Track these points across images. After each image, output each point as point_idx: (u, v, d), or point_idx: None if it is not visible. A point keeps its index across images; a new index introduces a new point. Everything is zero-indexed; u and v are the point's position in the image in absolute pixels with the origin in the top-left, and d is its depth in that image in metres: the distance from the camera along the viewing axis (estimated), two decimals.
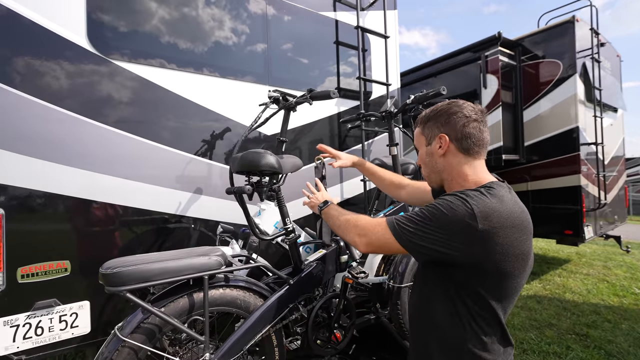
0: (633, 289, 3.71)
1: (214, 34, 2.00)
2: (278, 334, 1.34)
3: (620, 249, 4.64)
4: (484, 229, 0.80)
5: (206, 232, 1.91)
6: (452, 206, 0.82)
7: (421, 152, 1.05)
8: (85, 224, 1.54)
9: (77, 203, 1.52)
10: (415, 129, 1.06)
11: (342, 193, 2.59)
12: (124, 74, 1.69)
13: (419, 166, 1.09)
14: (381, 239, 0.92)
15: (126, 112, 1.70)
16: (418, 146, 1.06)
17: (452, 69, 4.63)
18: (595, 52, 4.12)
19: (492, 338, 0.85)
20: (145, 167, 1.72)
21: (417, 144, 1.06)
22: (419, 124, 1.05)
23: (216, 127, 1.99)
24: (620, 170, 4.94)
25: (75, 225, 1.52)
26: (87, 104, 1.59)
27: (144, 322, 1.07)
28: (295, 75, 2.38)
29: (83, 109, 1.57)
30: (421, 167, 1.07)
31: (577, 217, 3.90)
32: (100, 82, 1.63)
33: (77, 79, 1.58)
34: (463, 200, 0.83)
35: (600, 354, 2.39)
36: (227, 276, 1.27)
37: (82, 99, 1.58)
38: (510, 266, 0.83)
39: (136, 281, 1.02)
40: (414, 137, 1.08)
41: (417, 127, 1.05)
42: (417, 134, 1.06)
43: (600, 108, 4.20)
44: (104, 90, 1.64)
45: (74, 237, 1.52)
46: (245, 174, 1.34)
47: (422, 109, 1.80)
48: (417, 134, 1.06)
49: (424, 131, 1.02)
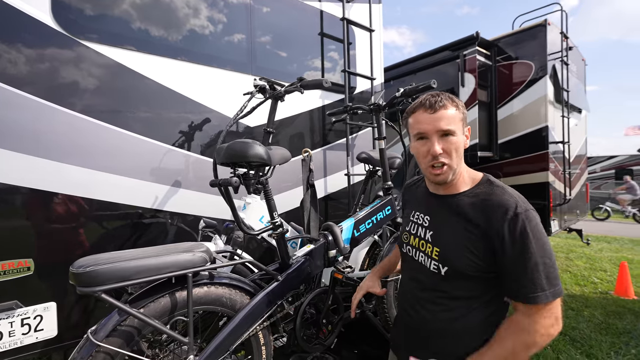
0: (592, 279, 4.00)
1: (194, 18, 1.88)
2: (265, 331, 1.29)
3: (581, 242, 4.99)
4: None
5: (185, 228, 1.82)
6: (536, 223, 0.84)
7: (460, 140, 0.91)
8: (51, 219, 1.41)
9: (42, 196, 1.38)
10: (451, 110, 0.90)
11: (326, 187, 2.56)
12: (94, 57, 1.55)
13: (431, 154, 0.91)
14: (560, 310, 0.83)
15: (97, 98, 1.56)
16: (457, 131, 0.90)
17: (431, 66, 4.71)
18: (565, 55, 4.34)
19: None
20: (117, 157, 1.60)
21: (457, 129, 0.90)
22: (457, 106, 0.92)
23: (195, 116, 1.88)
24: (583, 168, 5.29)
25: (39, 220, 1.38)
26: (52, 89, 1.44)
27: (121, 324, 0.98)
28: (279, 65, 2.31)
29: (47, 93, 1.43)
30: (444, 155, 0.90)
31: (545, 212, 4.12)
32: (67, 65, 1.49)
33: (40, 60, 1.43)
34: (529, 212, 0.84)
35: (566, 340, 2.54)
36: (211, 273, 1.20)
37: (46, 82, 1.43)
38: None
39: (112, 280, 0.93)
40: (448, 119, 0.89)
41: (455, 109, 0.91)
42: (456, 118, 0.90)
43: (568, 109, 4.45)
44: (72, 73, 1.50)
45: (38, 233, 1.39)
46: (231, 166, 1.28)
47: (410, 102, 1.79)
48: (456, 118, 0.90)
49: (463, 119, 0.93)
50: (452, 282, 0.91)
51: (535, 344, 0.80)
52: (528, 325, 0.81)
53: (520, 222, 0.82)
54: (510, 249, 0.82)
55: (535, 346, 0.81)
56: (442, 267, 0.93)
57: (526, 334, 0.80)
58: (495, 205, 0.86)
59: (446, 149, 0.90)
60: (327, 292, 1.48)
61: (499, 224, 0.84)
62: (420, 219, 1.02)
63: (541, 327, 0.80)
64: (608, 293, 3.52)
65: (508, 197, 0.86)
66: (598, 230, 7.63)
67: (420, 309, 0.98)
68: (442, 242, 0.94)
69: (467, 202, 0.91)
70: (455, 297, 0.92)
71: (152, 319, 0.99)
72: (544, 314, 0.80)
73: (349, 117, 2.51)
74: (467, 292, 0.91)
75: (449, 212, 0.94)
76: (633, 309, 3.09)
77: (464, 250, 0.89)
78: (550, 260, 0.81)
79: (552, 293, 0.79)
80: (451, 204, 0.94)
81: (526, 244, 0.81)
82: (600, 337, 2.58)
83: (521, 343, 0.81)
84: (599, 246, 5.93)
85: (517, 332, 0.82)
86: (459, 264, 0.89)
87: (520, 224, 0.81)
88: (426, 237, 0.99)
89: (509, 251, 0.83)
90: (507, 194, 0.88)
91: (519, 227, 0.81)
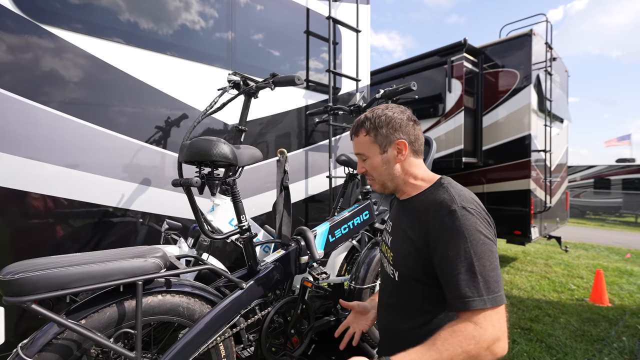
0: (570, 286, 4.06)
1: (170, 7, 1.78)
2: (227, 343, 1.20)
3: (560, 249, 5.08)
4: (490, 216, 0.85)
5: (156, 228, 1.71)
6: (474, 222, 0.78)
7: (374, 161, 0.96)
8: (2, 218, 1.28)
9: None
10: (360, 137, 0.97)
11: (307, 189, 2.49)
12: (58, 45, 1.43)
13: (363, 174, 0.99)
14: (504, 319, 0.74)
15: (58, 89, 1.44)
16: (368, 154, 0.96)
17: (419, 71, 4.72)
18: (549, 66, 4.42)
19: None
20: (77, 153, 1.48)
21: (367, 152, 0.96)
22: (367, 131, 0.95)
23: (168, 111, 1.78)
24: (563, 176, 5.40)
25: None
26: (11, 79, 1.32)
27: (57, 338, 0.88)
28: (261, 62, 2.23)
29: (5, 83, 1.31)
30: (368, 175, 1.00)
31: (526, 219, 4.18)
32: (28, 53, 1.37)
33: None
34: (465, 210, 0.79)
35: (542, 347, 2.54)
36: (168, 280, 1.11)
37: (4, 71, 1.31)
38: None
39: (46, 289, 0.83)
40: (358, 144, 0.98)
41: (364, 134, 0.96)
42: (365, 142, 0.96)
43: (550, 118, 4.53)
44: (32, 62, 1.38)
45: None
46: (196, 165, 1.19)
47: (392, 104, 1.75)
48: (365, 142, 0.96)
49: (377, 139, 0.94)
50: (404, 288, 0.90)
51: (478, 356, 0.69)
52: (470, 331, 0.70)
53: (454, 219, 0.78)
54: (442, 247, 0.78)
55: (478, 358, 0.69)
56: (395, 272, 0.94)
57: (468, 341, 0.69)
58: (433, 203, 0.84)
59: (366, 168, 0.99)
60: (297, 300, 1.40)
61: (434, 221, 0.81)
62: (389, 226, 1.04)
63: (481, 338, 0.69)
64: (584, 300, 3.57)
65: (447, 195, 0.84)
66: (576, 238, 7.82)
67: (385, 315, 1.00)
68: (395, 247, 0.95)
69: (414, 205, 0.91)
70: (410, 304, 0.90)
71: (93, 331, 0.89)
72: (482, 323, 0.70)
73: (332, 118, 2.45)
74: (420, 300, 0.87)
75: (402, 216, 0.96)
76: (607, 316, 3.13)
77: (407, 253, 0.88)
78: (489, 263, 0.74)
79: (490, 299, 0.71)
80: (404, 208, 0.96)
81: (458, 243, 0.75)
82: (575, 344, 2.59)
83: (461, 351, 0.69)
84: (576, 253, 6.06)
85: (458, 338, 0.70)
86: (405, 268, 0.89)
87: (453, 221, 0.77)
88: (388, 243, 1.01)
89: (441, 249, 0.78)
90: (448, 192, 0.85)
91: (452, 225, 0.77)
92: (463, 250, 0.75)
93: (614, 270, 4.84)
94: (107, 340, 0.91)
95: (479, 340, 0.69)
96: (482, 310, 0.71)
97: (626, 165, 13.57)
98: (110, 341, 0.91)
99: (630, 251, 6.35)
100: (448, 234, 0.78)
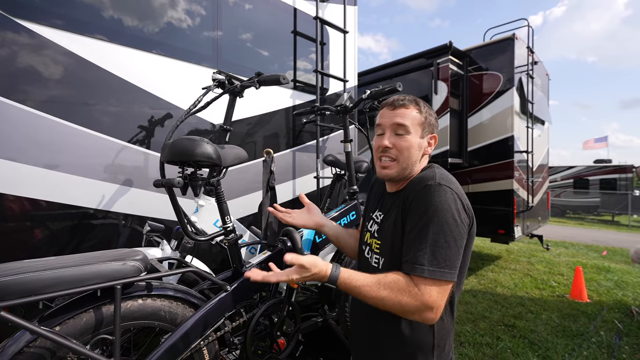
0: (551, 282, 4.18)
1: (155, 4, 1.74)
2: (211, 347, 1.18)
3: (542, 247, 5.22)
4: (469, 204, 0.85)
5: (138, 230, 1.67)
6: (445, 199, 0.81)
7: (412, 140, 0.90)
8: None
9: None
10: (412, 111, 0.91)
11: (295, 190, 2.48)
12: (37, 42, 1.38)
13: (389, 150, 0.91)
14: (443, 295, 0.78)
15: (36, 88, 1.39)
16: (412, 130, 0.90)
17: (406, 73, 4.78)
18: (530, 69, 4.54)
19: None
20: (56, 153, 1.43)
21: (412, 128, 0.90)
22: (420, 110, 0.92)
23: (151, 110, 1.74)
24: (545, 176, 5.56)
25: None
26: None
27: (29, 346, 0.84)
28: (248, 61, 2.20)
29: None
30: (390, 154, 0.91)
31: (509, 218, 4.28)
32: (2, 49, 1.31)
33: None
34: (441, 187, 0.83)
35: (525, 343, 2.61)
36: (149, 284, 1.07)
37: None
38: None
39: (17, 295, 0.79)
40: (406, 116, 0.90)
41: (417, 112, 0.91)
42: (414, 118, 0.90)
43: (532, 120, 4.65)
44: (9, 59, 1.33)
45: None
46: (178, 165, 1.16)
47: (377, 105, 1.76)
48: (414, 118, 0.90)
49: (425, 122, 0.92)
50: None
51: (404, 310, 0.78)
52: (410, 287, 0.77)
53: (426, 192, 0.82)
54: (410, 216, 0.83)
55: (403, 311, 0.78)
56: (380, 260, 0.94)
57: (404, 293, 0.77)
58: (415, 181, 0.89)
59: (397, 145, 0.91)
60: (283, 302, 1.39)
61: (411, 194, 0.86)
62: (377, 217, 1.02)
63: (416, 297, 0.76)
64: (564, 296, 3.69)
65: (430, 173, 0.88)
66: (557, 236, 8.08)
67: (366, 306, 0.94)
68: (382, 234, 0.95)
69: (404, 192, 0.92)
70: None
71: (68, 338, 0.86)
72: (422, 289, 0.76)
73: (320, 119, 2.44)
74: None
75: (392, 206, 0.95)
76: (586, 312, 3.24)
77: (395, 236, 0.89)
78: (444, 241, 0.78)
79: (430, 271, 0.76)
80: (394, 198, 0.95)
81: (422, 213, 0.81)
82: (556, 339, 2.66)
83: (395, 297, 0.77)
84: (557, 251, 6.25)
85: (398, 285, 0.78)
86: (391, 253, 0.89)
87: (426, 194, 0.82)
88: (373, 232, 1.00)
89: (409, 219, 0.84)
90: (432, 171, 0.89)
91: (424, 196, 0.82)
92: (424, 221, 0.80)
93: (592, 267, 5.02)
94: (82, 347, 0.87)
95: (415, 298, 0.76)
96: (423, 279, 0.77)
97: (603, 166, 14.11)
98: (86, 348, 0.88)
99: (607, 248, 6.60)
100: (419, 204, 0.83)
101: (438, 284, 0.77)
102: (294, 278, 0.83)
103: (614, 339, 2.70)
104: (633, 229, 10.59)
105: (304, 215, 1.19)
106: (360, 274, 0.83)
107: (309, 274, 0.82)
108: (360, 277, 0.82)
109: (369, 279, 0.81)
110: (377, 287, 0.79)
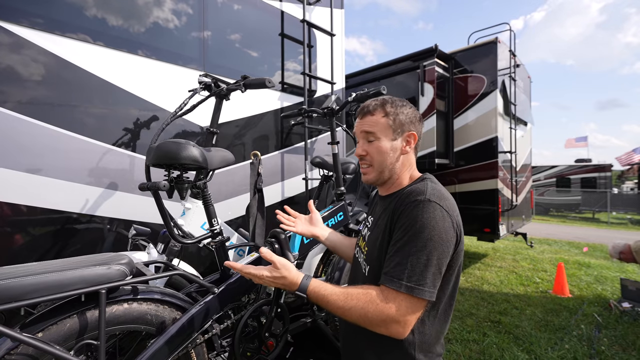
0: (535, 279, 4.30)
1: (140, 4, 1.73)
2: (199, 350, 1.18)
3: (526, 244, 5.37)
4: (458, 222, 0.84)
5: (124, 234, 1.64)
6: (433, 216, 0.79)
7: (382, 145, 0.92)
8: None
9: None
10: (377, 116, 0.92)
11: (283, 192, 2.49)
12: (15, 42, 1.35)
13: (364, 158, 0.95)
14: (414, 312, 0.77)
15: (15, 90, 1.36)
16: (379, 135, 0.92)
17: (392, 75, 4.85)
18: (513, 72, 4.68)
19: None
20: (37, 156, 1.40)
21: (379, 133, 0.91)
22: (386, 113, 0.92)
23: (137, 112, 1.72)
24: (528, 176, 5.72)
25: None
26: None
27: (11, 353, 0.83)
28: (236, 64, 2.20)
29: None
30: (365, 160, 0.95)
31: (494, 217, 4.39)
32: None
33: None
34: (431, 203, 0.81)
35: (510, 338, 2.68)
36: (135, 288, 1.07)
37: None
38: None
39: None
40: (372, 123, 0.92)
41: (382, 115, 0.92)
42: (380, 123, 0.91)
43: (515, 121, 4.79)
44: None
45: None
46: (164, 168, 1.16)
47: None
48: (380, 123, 0.91)
49: (394, 123, 0.91)
50: (372, 283, 0.88)
51: (370, 322, 0.77)
52: (378, 299, 0.78)
53: (414, 208, 0.81)
54: (396, 231, 0.83)
55: (370, 323, 0.78)
56: (366, 267, 0.94)
57: (371, 304, 0.77)
58: (406, 193, 0.87)
59: (369, 152, 0.94)
60: (271, 303, 1.40)
61: (400, 207, 0.85)
62: (370, 221, 1.04)
63: (383, 309, 0.76)
64: (547, 292, 3.80)
65: (421, 187, 0.87)
66: (541, 234, 8.31)
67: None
68: (371, 241, 0.95)
69: (394, 200, 0.91)
70: None
71: (51, 344, 0.85)
72: (390, 301, 0.76)
73: (308, 121, 2.46)
74: None
75: (383, 212, 0.95)
76: (568, 306, 3.35)
77: (380, 246, 0.88)
78: (425, 259, 0.76)
79: (406, 286, 0.76)
80: (388, 204, 0.94)
81: (407, 229, 0.80)
82: (539, 334, 2.75)
83: (361, 309, 0.78)
84: (541, 248, 6.44)
85: (366, 297, 0.79)
86: (376, 262, 0.89)
87: (413, 209, 0.81)
88: (365, 236, 1.00)
89: (395, 233, 0.83)
90: (423, 185, 0.88)
91: (411, 212, 0.81)
92: (408, 236, 0.79)
93: (574, 263, 5.18)
94: (66, 353, 0.86)
95: (381, 310, 0.76)
96: (395, 291, 0.77)
97: (584, 165, 14.60)
98: (70, 354, 0.87)
99: (588, 245, 6.83)
100: (406, 218, 0.81)
101: (410, 300, 0.76)
102: (264, 274, 0.85)
103: (594, 331, 2.80)
104: (612, 226, 10.99)
105: (305, 224, 1.23)
106: (330, 285, 0.83)
107: (279, 274, 0.84)
108: (329, 287, 0.83)
109: (338, 289, 0.82)
110: (344, 297, 0.80)
